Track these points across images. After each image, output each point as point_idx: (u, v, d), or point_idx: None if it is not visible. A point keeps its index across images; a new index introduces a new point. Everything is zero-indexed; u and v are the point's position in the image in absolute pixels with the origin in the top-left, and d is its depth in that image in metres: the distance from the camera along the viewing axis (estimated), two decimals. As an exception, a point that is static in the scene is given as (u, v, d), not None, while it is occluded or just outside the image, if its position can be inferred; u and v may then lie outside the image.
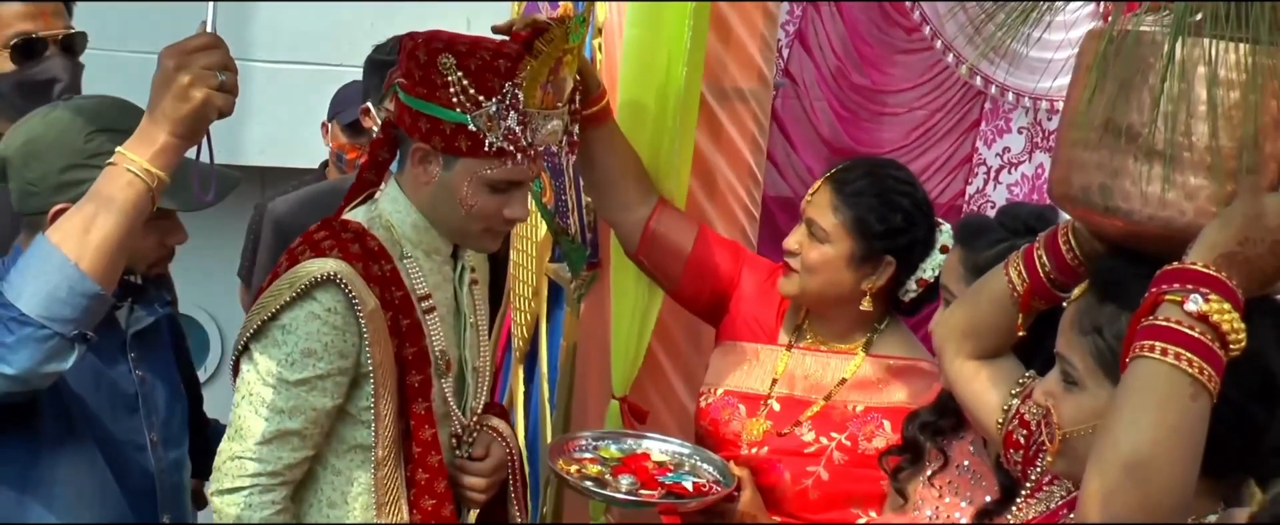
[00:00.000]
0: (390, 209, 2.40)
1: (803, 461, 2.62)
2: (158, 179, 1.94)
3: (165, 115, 1.91)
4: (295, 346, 2.25)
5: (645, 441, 2.80)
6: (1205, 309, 1.42)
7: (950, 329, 2.02)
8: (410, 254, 2.38)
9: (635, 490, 2.59)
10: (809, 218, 2.64)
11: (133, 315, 2.39)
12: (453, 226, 2.39)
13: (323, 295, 2.24)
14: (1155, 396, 1.42)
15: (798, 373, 2.72)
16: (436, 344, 2.38)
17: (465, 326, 2.48)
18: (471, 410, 2.50)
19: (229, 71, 1.93)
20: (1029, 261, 1.86)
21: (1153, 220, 1.54)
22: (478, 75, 2.23)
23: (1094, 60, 1.57)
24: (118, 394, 2.34)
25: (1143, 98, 1.52)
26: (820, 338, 2.75)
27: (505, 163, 2.29)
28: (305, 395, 2.26)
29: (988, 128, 4.10)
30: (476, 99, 2.23)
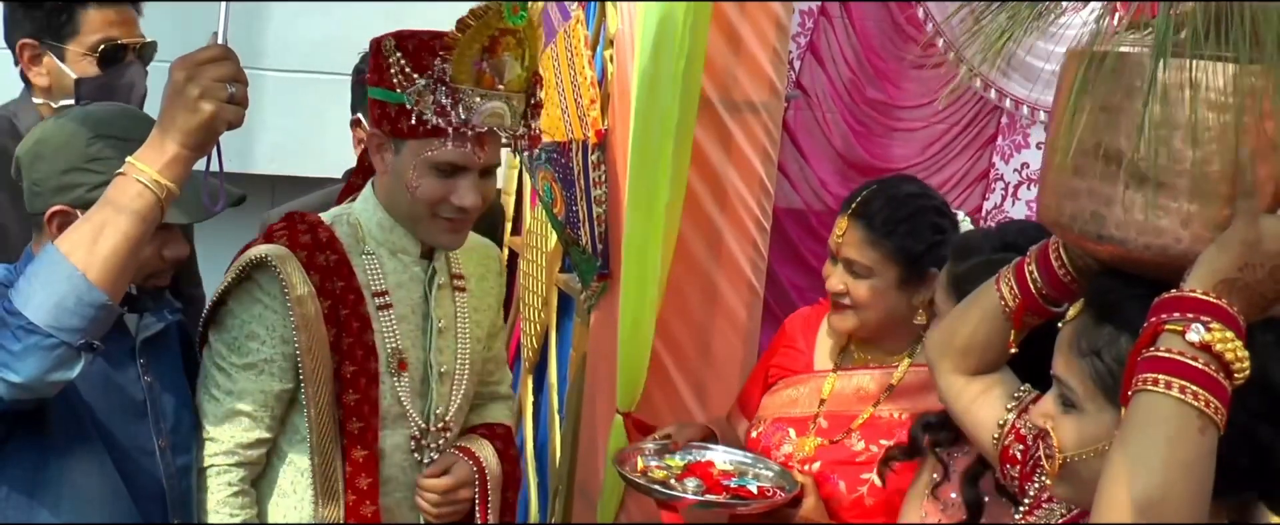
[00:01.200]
0: (360, 207, 2.47)
1: (856, 470, 2.61)
2: (167, 190, 1.95)
3: (175, 127, 1.93)
4: (240, 329, 2.35)
5: (708, 452, 2.81)
6: (1208, 339, 1.39)
7: (943, 345, 2.00)
8: (372, 251, 2.43)
9: (702, 492, 2.59)
10: (846, 258, 2.64)
11: (142, 321, 2.40)
12: (404, 216, 2.41)
13: (259, 277, 2.34)
14: (1163, 432, 1.38)
15: (846, 391, 2.74)
16: (388, 341, 2.41)
17: (432, 329, 2.49)
18: (437, 417, 2.49)
19: (239, 83, 1.95)
20: (1021, 277, 1.83)
21: (1148, 248, 1.50)
22: (414, 55, 2.29)
23: (1075, 82, 1.54)
24: (126, 399, 2.34)
25: (1130, 122, 1.48)
26: (869, 357, 2.76)
27: (444, 143, 2.30)
28: (252, 377, 2.34)
29: (1005, 143, 4.08)
30: (412, 76, 2.28)
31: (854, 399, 2.72)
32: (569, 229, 3.27)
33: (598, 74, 3.18)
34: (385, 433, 2.43)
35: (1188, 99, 1.42)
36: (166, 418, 2.38)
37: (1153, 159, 1.44)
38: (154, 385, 2.37)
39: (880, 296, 2.61)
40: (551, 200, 3.32)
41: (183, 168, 1.96)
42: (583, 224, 3.18)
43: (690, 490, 2.59)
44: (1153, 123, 1.43)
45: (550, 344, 3.66)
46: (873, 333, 2.69)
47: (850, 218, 2.63)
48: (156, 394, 2.37)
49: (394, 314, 2.43)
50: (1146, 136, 1.44)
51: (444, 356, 2.50)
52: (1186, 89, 1.43)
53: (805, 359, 2.83)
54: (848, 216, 2.64)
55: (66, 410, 2.20)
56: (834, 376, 2.76)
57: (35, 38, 2.97)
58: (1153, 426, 1.39)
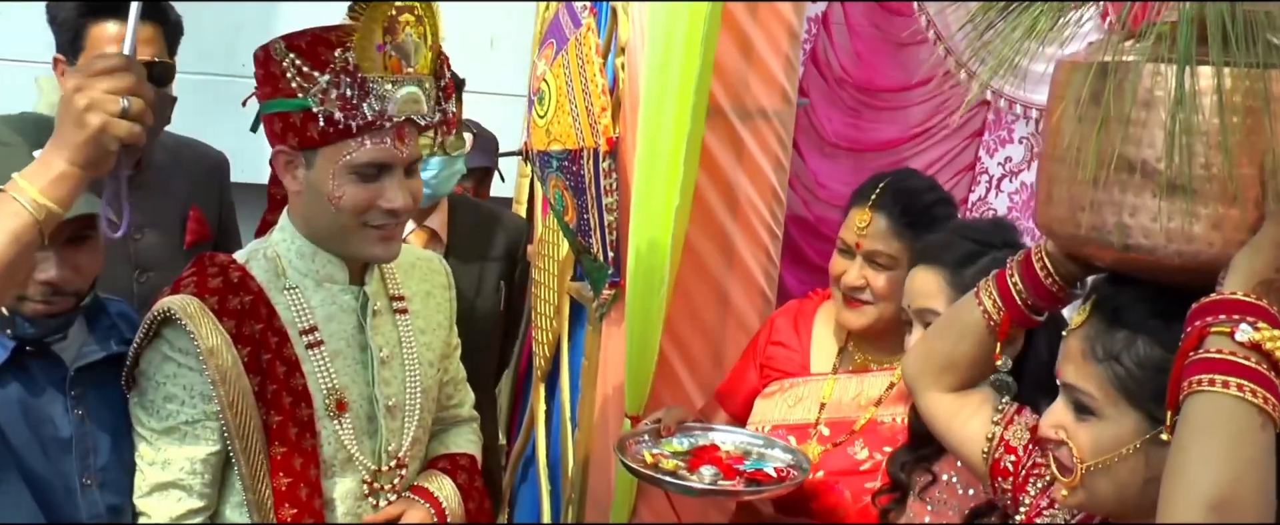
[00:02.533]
0: (278, 238, 2.27)
1: (860, 479, 2.61)
2: (46, 210, 1.74)
3: (63, 142, 1.74)
4: (156, 392, 2.16)
5: (712, 433, 2.80)
6: (1257, 337, 1.39)
7: (923, 364, 1.98)
8: (295, 283, 2.24)
9: (717, 480, 2.57)
10: (870, 250, 2.64)
11: (82, 349, 2.24)
12: (332, 232, 2.20)
13: (169, 333, 2.15)
14: (1226, 431, 1.38)
15: (845, 397, 2.73)
16: (322, 382, 2.22)
17: (373, 361, 2.29)
18: (388, 454, 2.30)
19: (136, 98, 1.74)
20: (1003, 290, 1.82)
21: (1180, 255, 1.49)
22: (309, 52, 2.08)
23: (1080, 93, 1.53)
24: (48, 433, 2.18)
25: (1151, 132, 1.47)
26: (869, 358, 2.76)
27: (362, 142, 2.11)
28: (176, 444, 2.16)
29: (990, 137, 4.18)
30: (311, 75, 2.07)
31: (853, 404, 2.71)
32: (580, 237, 3.26)
33: (609, 81, 3.17)
34: (331, 480, 2.24)
35: (1213, 105, 1.42)
36: (98, 454, 2.22)
37: (1185, 167, 1.44)
38: (86, 419, 2.22)
39: (898, 289, 2.61)
40: (563, 208, 3.32)
41: (69, 187, 1.75)
42: (594, 232, 3.18)
43: (706, 480, 2.56)
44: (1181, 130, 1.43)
45: (562, 353, 3.65)
46: (887, 327, 2.69)
47: (872, 210, 2.65)
48: (88, 429, 2.22)
49: (326, 351, 2.22)
50: (1177, 145, 1.43)
51: (391, 388, 2.31)
52: (1209, 96, 1.42)
53: (799, 359, 2.82)
54: (869, 208, 2.65)
55: None
56: (832, 379, 2.75)
57: (62, 52, 2.99)
58: (1217, 426, 1.38)
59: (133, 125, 1.74)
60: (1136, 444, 1.55)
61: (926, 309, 2.32)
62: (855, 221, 2.67)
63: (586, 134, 3.13)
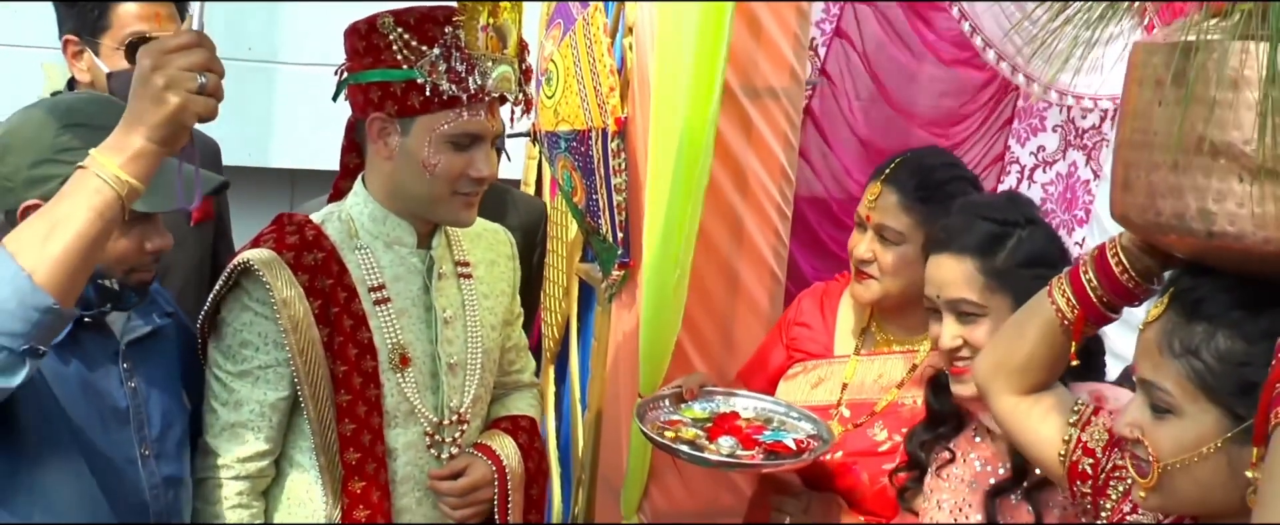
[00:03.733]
0: (351, 202, 2.41)
1: (878, 460, 2.59)
2: (128, 186, 1.78)
3: (140, 119, 1.77)
4: (233, 338, 2.29)
5: (734, 399, 2.79)
6: None
7: (995, 367, 1.93)
8: (366, 244, 2.37)
9: (735, 452, 2.55)
10: (878, 223, 2.63)
11: (129, 323, 2.29)
12: (421, 198, 2.34)
13: (247, 284, 2.28)
14: None
15: (867, 379, 2.72)
16: (388, 337, 2.35)
17: (437, 321, 2.43)
18: (450, 410, 2.43)
19: (211, 74, 1.79)
20: (1078, 287, 1.78)
21: (1269, 242, 1.44)
22: (417, 27, 2.24)
23: (1158, 74, 1.49)
24: (107, 405, 2.22)
25: (1237, 113, 1.42)
26: (890, 338, 2.75)
27: (459, 113, 2.28)
28: (248, 387, 2.29)
29: (1021, 126, 4.05)
30: (419, 49, 2.24)
31: (875, 386, 2.70)
32: (589, 218, 3.25)
33: (617, 62, 3.16)
34: (395, 430, 2.37)
35: None
36: (152, 425, 2.28)
37: (1275, 149, 1.39)
38: (138, 391, 2.27)
39: (907, 265, 2.60)
40: (571, 189, 3.31)
41: (148, 163, 1.80)
42: (603, 212, 3.17)
43: (724, 451, 2.55)
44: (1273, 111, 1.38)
45: (571, 334, 3.65)
46: (895, 303, 2.67)
47: (883, 183, 2.64)
48: (141, 400, 2.27)
49: (393, 308, 2.37)
50: (1271, 125, 1.38)
51: (453, 347, 2.44)
52: None
53: (824, 341, 2.82)
54: (881, 182, 2.64)
55: (39, 415, 2.09)
56: (855, 360, 2.74)
57: (76, 33, 3.02)
58: None
59: (210, 100, 1.79)
60: (1218, 443, 1.50)
61: (960, 299, 2.26)
62: (868, 194, 2.66)
63: (594, 115, 3.12)
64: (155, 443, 2.27)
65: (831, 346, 2.81)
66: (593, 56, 3.13)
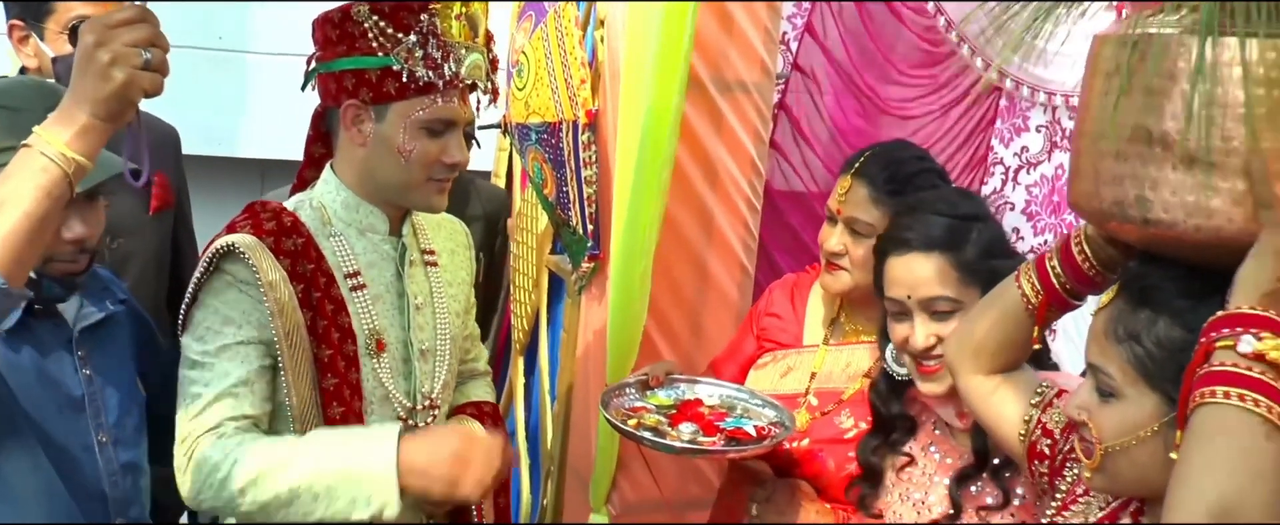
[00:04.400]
0: (321, 190, 2.41)
1: (844, 448, 2.60)
2: (75, 164, 1.74)
3: (85, 95, 1.74)
4: (214, 315, 2.24)
5: (697, 387, 2.81)
6: (1260, 348, 1.38)
7: (963, 347, 1.99)
8: (340, 232, 2.38)
9: (696, 438, 2.57)
10: (849, 216, 2.65)
11: (82, 311, 2.30)
12: (395, 184, 2.36)
13: (229, 266, 2.25)
14: (1230, 441, 1.38)
15: (835, 368, 2.75)
16: (365, 322, 2.36)
17: (408, 307, 2.45)
18: (422, 395, 2.45)
19: (157, 49, 1.76)
20: (1042, 273, 1.83)
21: (1200, 230, 1.48)
22: (392, 15, 2.27)
23: (1111, 66, 1.52)
24: (62, 393, 2.23)
25: (1174, 104, 1.46)
26: (858, 328, 2.78)
27: (434, 100, 2.30)
28: (227, 361, 2.23)
29: (1004, 126, 3.98)
30: (395, 36, 2.25)
31: (843, 374, 2.73)
32: (559, 210, 3.26)
33: (588, 54, 3.17)
34: (372, 416, 2.37)
35: (1237, 77, 1.41)
36: (109, 412, 2.29)
37: (1203, 140, 1.42)
38: (93, 378, 2.27)
39: None
40: (542, 181, 3.31)
41: (94, 139, 1.76)
42: (573, 205, 3.18)
43: (685, 437, 2.56)
44: (1202, 102, 1.41)
45: (541, 326, 3.66)
46: (864, 295, 2.69)
47: (853, 177, 2.66)
48: (97, 387, 2.28)
49: (368, 294, 2.37)
50: (1196, 116, 1.42)
51: (423, 333, 2.47)
52: (1234, 67, 1.41)
53: (793, 331, 2.84)
54: (851, 176, 2.66)
55: None
56: (824, 350, 2.77)
57: (21, 18, 3.02)
58: (1220, 437, 1.38)
59: (155, 76, 1.76)
60: (1155, 426, 1.55)
61: (936, 297, 2.27)
62: (838, 188, 2.68)
63: (566, 107, 3.12)
64: (112, 429, 2.28)
65: (801, 336, 2.84)
66: (564, 49, 3.14)
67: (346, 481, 2.16)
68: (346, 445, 2.22)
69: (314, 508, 2.16)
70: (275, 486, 2.15)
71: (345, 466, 2.17)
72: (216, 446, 2.17)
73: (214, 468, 2.16)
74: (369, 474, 2.16)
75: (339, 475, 2.16)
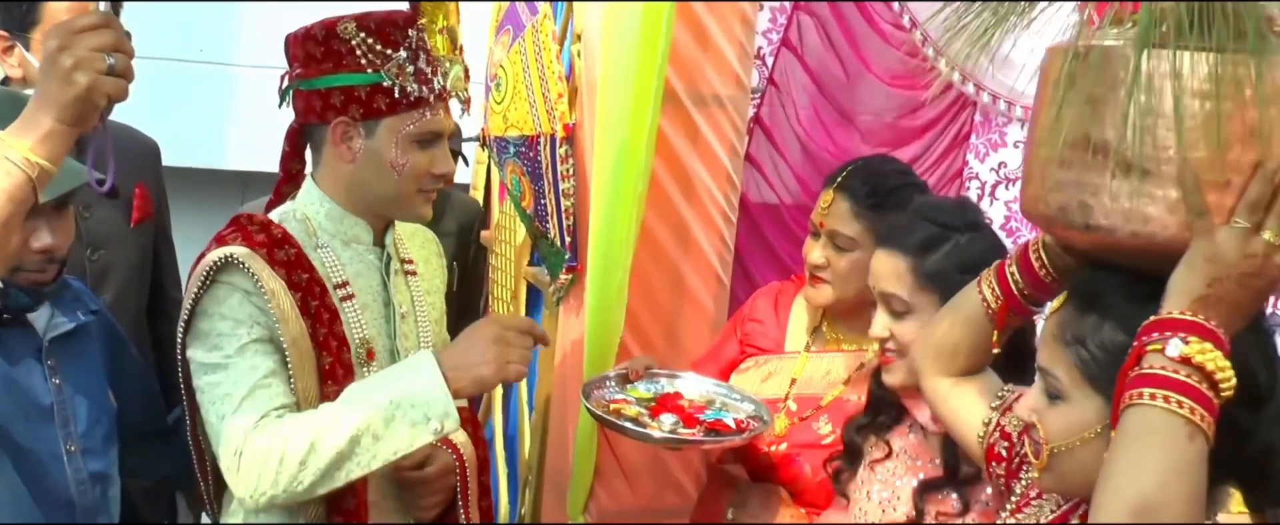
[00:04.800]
0: (304, 201, 2.42)
1: (822, 453, 2.63)
2: (38, 168, 1.75)
3: (50, 100, 1.74)
4: (222, 322, 2.24)
5: (678, 381, 2.83)
6: (1187, 351, 1.44)
7: (927, 348, 2.03)
8: (326, 243, 2.39)
9: (676, 429, 2.59)
10: (831, 230, 2.68)
11: (52, 320, 2.31)
12: (386, 197, 2.38)
13: (229, 277, 2.25)
14: (1154, 440, 1.43)
15: (816, 374, 2.78)
16: (356, 331, 2.38)
17: (395, 316, 2.48)
18: None
19: (121, 54, 1.77)
20: (1001, 279, 1.87)
21: (1135, 236, 1.53)
22: (380, 32, 2.29)
23: (1059, 76, 1.57)
24: (30, 402, 2.24)
25: (1114, 113, 1.51)
26: (840, 337, 2.81)
27: (423, 113, 2.33)
28: (251, 357, 2.23)
29: (979, 141, 3.99)
30: (384, 53, 2.29)
31: (823, 381, 2.76)
32: (537, 222, 3.29)
33: (565, 69, 3.20)
34: None
35: (1171, 88, 1.46)
36: (77, 422, 2.29)
37: (1137, 148, 1.48)
38: (62, 387, 2.28)
39: (859, 270, 2.65)
40: (520, 193, 3.34)
41: (58, 143, 1.76)
42: (551, 217, 3.21)
43: (665, 428, 2.59)
44: (1138, 112, 1.46)
45: (519, 337, 3.67)
46: (848, 308, 2.73)
47: (836, 191, 2.69)
48: (66, 397, 2.28)
49: (357, 303, 2.39)
50: (1132, 125, 1.47)
51: (408, 342, 2.49)
52: (1171, 79, 1.46)
53: (775, 337, 2.88)
54: (833, 190, 2.69)
55: None
56: (805, 357, 2.80)
57: (5, 30, 3.03)
58: (1144, 436, 1.44)
59: (119, 81, 1.76)
60: (1098, 428, 1.59)
61: (890, 294, 2.34)
62: (821, 202, 2.72)
63: (543, 120, 3.15)
64: (81, 438, 2.29)
65: (783, 342, 2.88)
66: (542, 63, 3.17)
67: (401, 410, 2.16)
68: (387, 381, 2.23)
69: (377, 449, 2.16)
70: (334, 443, 2.14)
71: (394, 397, 2.17)
72: (265, 435, 2.16)
73: (268, 454, 2.15)
74: (421, 394, 2.17)
75: (391, 407, 2.16)
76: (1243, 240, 1.46)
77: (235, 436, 2.18)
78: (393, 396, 2.17)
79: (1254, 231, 1.46)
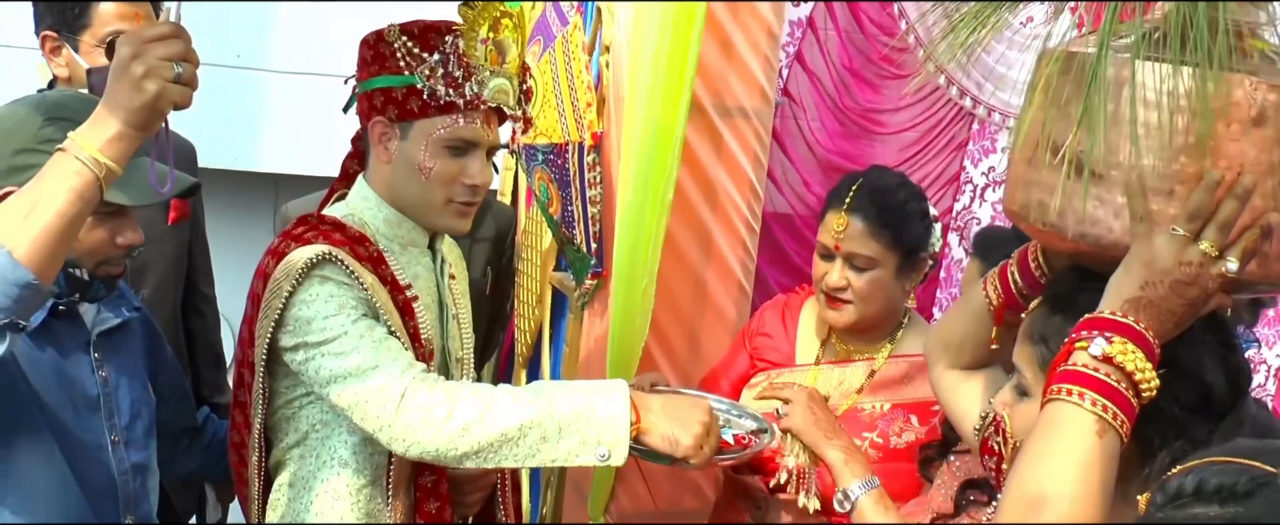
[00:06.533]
0: (361, 206, 2.45)
1: (875, 477, 2.63)
2: (106, 168, 1.83)
3: (118, 105, 1.83)
4: (328, 302, 2.26)
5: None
6: (1109, 351, 1.48)
7: (935, 341, 2.09)
8: (386, 248, 2.42)
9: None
10: (847, 253, 2.70)
11: (99, 315, 2.37)
12: (417, 203, 2.42)
13: (325, 271, 2.27)
14: (1060, 434, 1.47)
15: (828, 387, 2.80)
16: (421, 330, 2.40)
17: (448, 318, 2.53)
18: None
19: (187, 64, 1.84)
20: (1003, 276, 1.92)
21: (1084, 237, 1.58)
22: (421, 36, 2.34)
23: (1038, 80, 1.63)
24: (79, 393, 2.29)
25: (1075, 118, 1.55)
26: (850, 348, 2.83)
27: (455, 119, 2.36)
28: (366, 324, 2.25)
29: (975, 147, 4.16)
30: (420, 56, 2.33)
31: (837, 392, 2.78)
32: (564, 228, 3.33)
33: (594, 78, 3.24)
34: None
35: (1127, 97, 1.50)
36: (121, 414, 2.34)
37: (1090, 152, 1.52)
38: (109, 380, 2.33)
39: (880, 288, 2.69)
40: (547, 200, 3.38)
41: (125, 146, 1.85)
42: (578, 224, 3.25)
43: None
44: (1095, 118, 1.51)
45: (543, 340, 3.72)
46: (869, 324, 2.76)
47: (847, 213, 2.69)
48: (111, 389, 2.34)
49: (420, 304, 2.42)
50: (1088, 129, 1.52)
51: (455, 343, 2.55)
52: (1126, 87, 1.50)
53: (785, 350, 2.89)
54: (844, 212, 2.69)
55: (14, 398, 2.16)
56: (816, 369, 2.82)
57: (55, 30, 3.08)
58: (1052, 429, 1.48)
59: (185, 89, 1.84)
60: None
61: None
62: (832, 225, 2.72)
63: (572, 129, 3.19)
64: (124, 430, 2.34)
65: (793, 355, 2.89)
66: (571, 73, 3.20)
67: (579, 424, 2.18)
68: (578, 392, 2.25)
69: (542, 449, 2.18)
70: (503, 423, 2.16)
71: (580, 410, 2.19)
72: (435, 390, 2.19)
73: (435, 406, 2.18)
74: (604, 418, 2.19)
75: (572, 417, 2.19)
76: (1179, 247, 1.50)
77: (392, 382, 2.19)
78: (578, 408, 2.20)
79: (1191, 240, 1.50)
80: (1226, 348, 1.62)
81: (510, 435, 2.17)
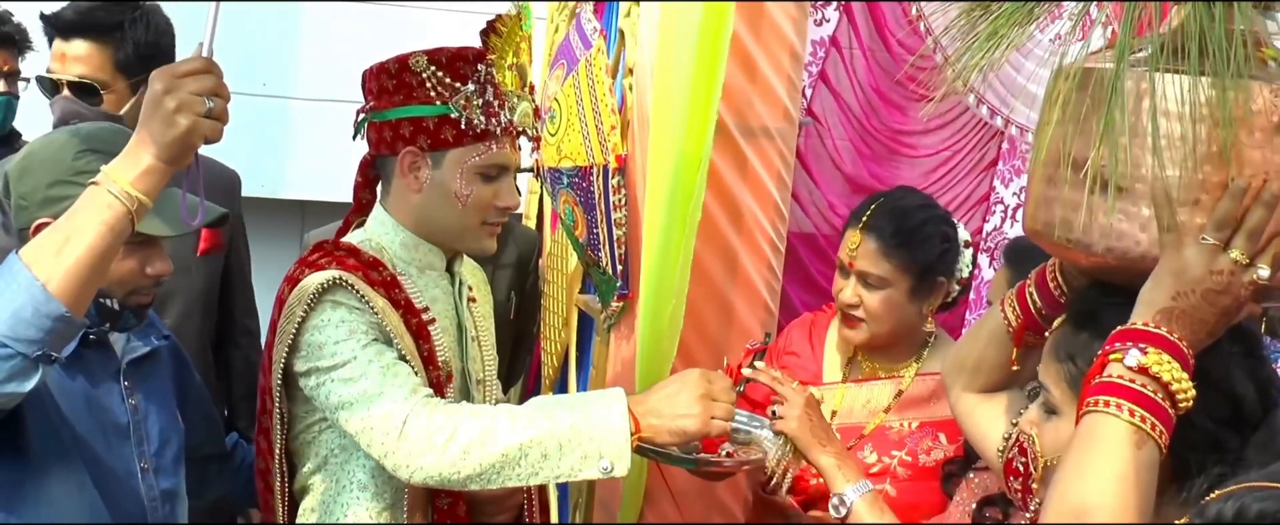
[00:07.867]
0: (378, 231, 2.48)
1: (869, 481, 2.67)
2: (138, 202, 1.87)
3: (151, 139, 1.86)
4: (339, 327, 2.28)
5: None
6: (1145, 362, 1.48)
7: (954, 364, 2.10)
8: (403, 271, 2.44)
9: (696, 451, 2.61)
10: (860, 271, 2.72)
11: (129, 343, 2.40)
12: (451, 228, 2.45)
13: (336, 296, 2.30)
14: (1100, 446, 1.48)
15: (856, 404, 2.80)
16: (440, 354, 2.42)
17: (467, 340, 2.55)
18: None
19: (219, 98, 1.88)
20: (1021, 297, 1.92)
21: (1110, 252, 1.59)
22: (450, 66, 2.36)
23: (1054, 96, 1.63)
24: (109, 420, 2.32)
25: (1096, 133, 1.56)
26: (876, 366, 2.84)
27: (490, 146, 2.39)
28: (376, 349, 2.27)
29: (1005, 167, 4.15)
30: (453, 86, 2.35)
31: (864, 410, 2.79)
32: (590, 251, 3.34)
33: (617, 101, 3.26)
34: None
35: (1147, 109, 1.51)
36: (151, 441, 2.37)
37: (1113, 166, 1.53)
38: (138, 408, 2.36)
39: (893, 308, 2.69)
40: (573, 223, 3.39)
41: (156, 180, 1.88)
42: (603, 246, 3.26)
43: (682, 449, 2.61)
44: (1116, 131, 1.52)
45: (570, 363, 3.73)
46: (884, 343, 2.76)
47: (862, 231, 2.72)
48: (141, 416, 2.37)
49: (437, 327, 2.44)
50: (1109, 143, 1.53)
51: (476, 364, 2.57)
52: (1146, 99, 1.51)
53: (812, 369, 2.90)
54: (860, 230, 2.72)
55: (46, 426, 2.18)
56: (842, 388, 2.83)
57: None
58: (1092, 442, 1.48)
59: (216, 123, 1.88)
60: None
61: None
62: (848, 242, 2.74)
63: (596, 152, 3.20)
64: (154, 457, 2.37)
65: (820, 374, 2.91)
66: (595, 96, 3.22)
67: (579, 438, 2.18)
68: (575, 406, 2.25)
69: (543, 467, 2.19)
70: (504, 444, 2.16)
71: (578, 424, 2.19)
72: (437, 414, 2.21)
73: (437, 431, 2.19)
74: (603, 430, 2.19)
75: (571, 432, 2.18)
76: (1209, 256, 1.50)
77: (395, 408, 2.21)
78: (577, 423, 2.20)
79: (1221, 248, 1.50)
80: (1255, 359, 1.62)
81: (511, 455, 2.18)
